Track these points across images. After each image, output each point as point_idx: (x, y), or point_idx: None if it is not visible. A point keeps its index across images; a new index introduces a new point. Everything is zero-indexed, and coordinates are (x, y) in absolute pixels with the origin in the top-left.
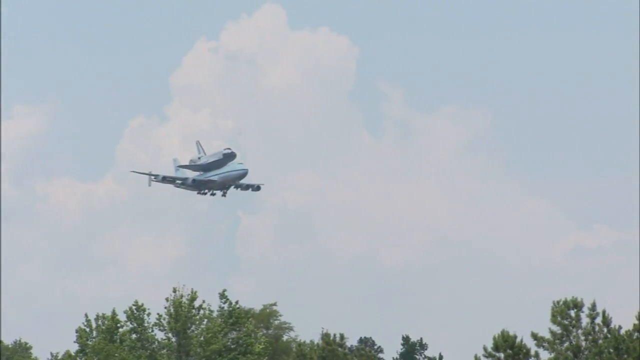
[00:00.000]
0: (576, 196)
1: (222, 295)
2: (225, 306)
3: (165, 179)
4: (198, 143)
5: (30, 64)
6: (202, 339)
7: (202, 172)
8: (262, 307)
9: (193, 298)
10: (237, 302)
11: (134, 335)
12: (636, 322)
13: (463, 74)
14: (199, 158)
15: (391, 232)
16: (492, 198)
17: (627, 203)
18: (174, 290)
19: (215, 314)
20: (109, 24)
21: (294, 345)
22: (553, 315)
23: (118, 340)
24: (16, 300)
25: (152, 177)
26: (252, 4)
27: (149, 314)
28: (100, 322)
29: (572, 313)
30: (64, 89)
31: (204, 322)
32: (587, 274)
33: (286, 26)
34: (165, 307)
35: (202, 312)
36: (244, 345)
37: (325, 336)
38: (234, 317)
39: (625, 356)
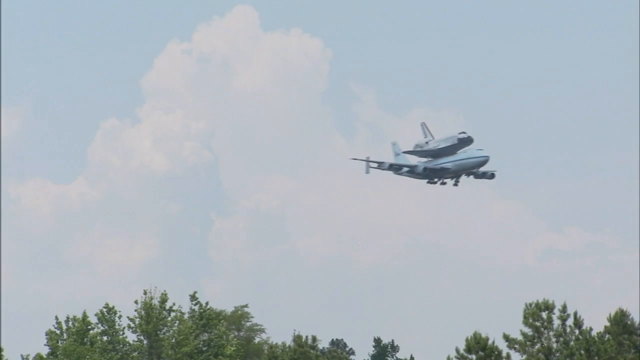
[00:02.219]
0: (548, 198)
1: (193, 297)
2: (196, 308)
3: (392, 167)
4: (424, 125)
5: (1, 66)
6: (173, 341)
7: (429, 159)
8: (233, 309)
9: (164, 300)
10: (207, 304)
11: (105, 338)
12: (607, 324)
13: (435, 76)
14: (427, 142)
15: (363, 234)
16: (464, 200)
17: (599, 205)
18: (144, 292)
19: (186, 316)
20: (81, 26)
21: (266, 347)
22: (525, 317)
23: (89, 343)
24: None
25: (376, 164)
26: (224, 6)
27: (120, 317)
28: (70, 324)
29: (544, 315)
30: (35, 91)
31: (176, 324)
32: (559, 276)
33: (259, 28)
34: (136, 310)
35: (173, 314)
36: (216, 347)
37: (297, 338)
38: (205, 318)
39: (597, 358)
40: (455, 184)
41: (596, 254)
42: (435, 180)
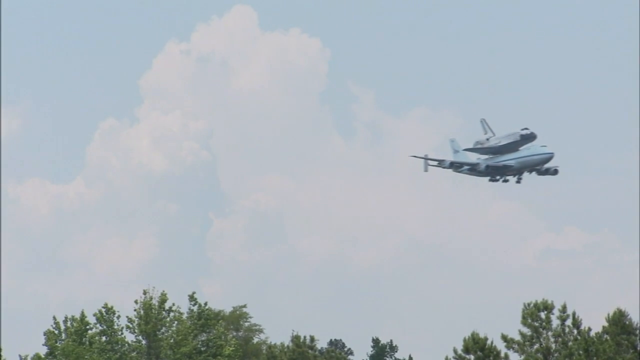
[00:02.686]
0: (546, 198)
1: (192, 298)
2: (195, 308)
3: (452, 165)
4: (483, 121)
5: (1, 66)
6: (172, 341)
7: (490, 156)
8: (232, 309)
9: (163, 300)
10: (206, 304)
11: (103, 338)
12: (606, 324)
13: (433, 76)
14: (487, 139)
15: (362, 234)
16: (463, 200)
17: (598, 205)
18: (144, 293)
19: (185, 316)
20: (80, 26)
21: (264, 348)
22: (523, 317)
23: (87, 343)
24: None
25: (436, 162)
26: (223, 6)
27: (118, 317)
28: (69, 324)
29: (543, 315)
30: (34, 91)
31: (174, 325)
32: (558, 276)
33: (257, 28)
34: (135, 310)
35: (172, 314)
36: (214, 348)
37: (296, 338)
38: (204, 319)
39: (595, 358)
40: (518, 181)
41: (595, 254)
42: (498, 177)
